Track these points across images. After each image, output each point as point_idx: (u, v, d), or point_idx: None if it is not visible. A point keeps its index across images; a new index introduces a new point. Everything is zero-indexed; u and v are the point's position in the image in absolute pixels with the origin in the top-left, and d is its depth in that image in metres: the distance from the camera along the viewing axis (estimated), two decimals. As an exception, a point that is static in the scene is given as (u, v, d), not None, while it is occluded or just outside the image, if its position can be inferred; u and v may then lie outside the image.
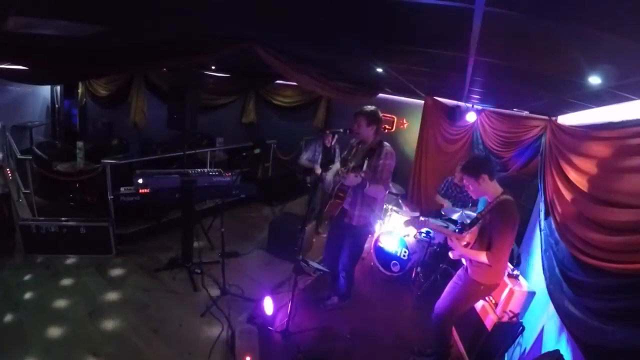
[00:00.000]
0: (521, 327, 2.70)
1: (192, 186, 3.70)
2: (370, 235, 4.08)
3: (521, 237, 4.31)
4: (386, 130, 6.59)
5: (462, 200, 4.53)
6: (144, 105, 7.25)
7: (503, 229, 2.28)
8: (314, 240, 4.85)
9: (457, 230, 2.77)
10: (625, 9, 0.93)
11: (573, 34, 1.25)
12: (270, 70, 4.32)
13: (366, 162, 2.90)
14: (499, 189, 2.41)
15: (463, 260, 2.66)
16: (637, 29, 1.03)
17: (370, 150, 2.95)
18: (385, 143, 3.00)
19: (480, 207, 2.74)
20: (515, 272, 3.10)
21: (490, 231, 2.33)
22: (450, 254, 2.68)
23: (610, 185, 1.87)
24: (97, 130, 8.53)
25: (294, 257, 2.91)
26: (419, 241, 4.23)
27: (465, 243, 2.51)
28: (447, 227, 3.15)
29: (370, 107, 2.99)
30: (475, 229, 2.54)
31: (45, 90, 8.16)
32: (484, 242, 2.38)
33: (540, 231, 3.19)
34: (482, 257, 2.34)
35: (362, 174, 2.78)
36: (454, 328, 2.91)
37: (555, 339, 2.37)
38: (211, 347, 2.82)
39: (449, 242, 2.55)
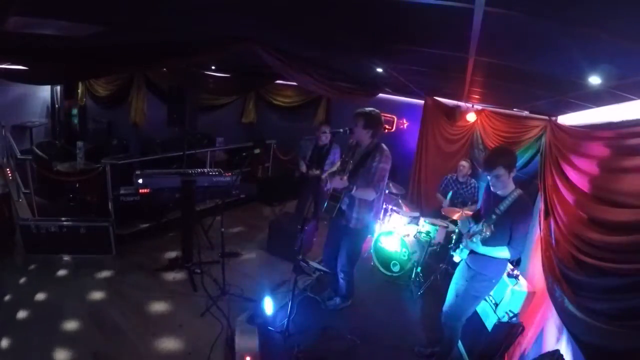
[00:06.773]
0: (521, 327, 2.70)
1: (192, 186, 3.70)
2: (369, 236, 4.07)
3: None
4: (386, 130, 6.58)
5: (462, 196, 4.53)
6: (144, 105, 7.25)
7: (525, 223, 2.36)
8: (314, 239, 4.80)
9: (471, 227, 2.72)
10: (625, 9, 0.93)
11: (573, 34, 1.25)
12: (271, 70, 4.31)
13: (350, 164, 2.90)
14: (513, 184, 2.47)
15: (457, 259, 2.70)
16: (637, 29, 1.03)
17: (366, 154, 2.93)
18: (383, 146, 2.95)
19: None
20: (516, 272, 3.10)
21: (511, 225, 2.37)
22: (456, 258, 2.70)
23: (610, 185, 1.86)
24: (97, 130, 8.54)
25: (294, 257, 2.90)
26: (419, 241, 4.23)
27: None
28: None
29: (372, 110, 2.92)
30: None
31: (45, 90, 8.15)
32: (503, 236, 2.39)
33: (540, 231, 3.19)
34: (504, 252, 2.38)
35: (346, 177, 2.81)
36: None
37: (555, 339, 2.36)
38: (211, 347, 2.83)
39: (470, 244, 2.48)
